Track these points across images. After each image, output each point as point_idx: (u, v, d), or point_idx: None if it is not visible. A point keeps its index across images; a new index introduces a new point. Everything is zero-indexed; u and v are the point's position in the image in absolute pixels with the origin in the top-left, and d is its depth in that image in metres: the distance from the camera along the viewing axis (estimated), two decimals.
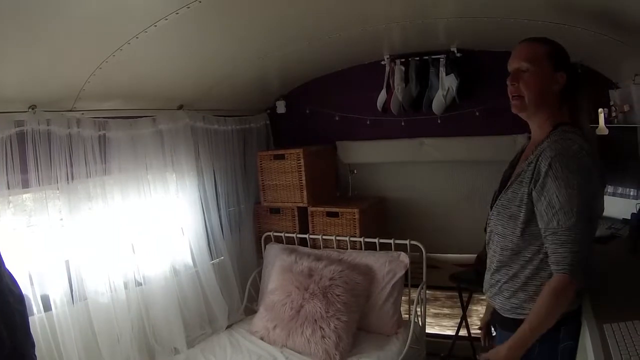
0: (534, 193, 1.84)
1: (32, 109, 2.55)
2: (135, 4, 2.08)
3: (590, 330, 1.76)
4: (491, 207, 2.10)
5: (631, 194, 3.03)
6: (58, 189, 2.78)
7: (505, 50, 3.36)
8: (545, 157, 1.80)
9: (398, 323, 3.52)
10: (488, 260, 2.13)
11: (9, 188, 2.49)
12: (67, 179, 2.80)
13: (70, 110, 2.79)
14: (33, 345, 1.92)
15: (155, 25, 2.24)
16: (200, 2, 2.11)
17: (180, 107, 3.55)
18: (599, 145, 2.77)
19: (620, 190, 3.03)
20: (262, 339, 3.45)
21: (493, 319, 2.30)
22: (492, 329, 2.40)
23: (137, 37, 2.30)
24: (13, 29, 1.88)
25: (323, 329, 3.24)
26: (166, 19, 2.21)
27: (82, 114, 2.86)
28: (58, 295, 2.72)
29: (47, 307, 2.68)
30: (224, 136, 4.03)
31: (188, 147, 3.60)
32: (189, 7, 2.14)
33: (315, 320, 3.28)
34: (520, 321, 1.93)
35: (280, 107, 4.54)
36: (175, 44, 2.66)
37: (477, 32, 3.31)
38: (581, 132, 1.88)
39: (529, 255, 1.91)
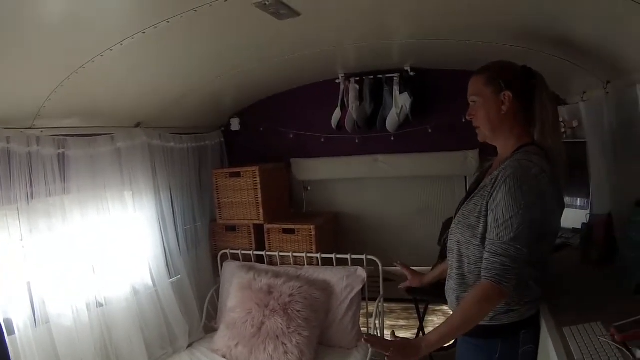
0: (488, 206, 1.92)
1: None
2: (102, 22, 2.07)
3: (551, 334, 1.86)
4: (454, 217, 2.18)
5: (578, 203, 3.18)
6: (18, 209, 2.71)
7: (459, 69, 3.53)
8: (503, 175, 1.88)
9: (358, 336, 3.56)
10: (449, 268, 2.21)
11: None
12: (27, 199, 2.73)
13: (30, 128, 2.73)
14: None
15: (122, 44, 2.25)
16: (155, 27, 2.15)
17: (138, 125, 3.53)
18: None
19: (569, 201, 3.17)
20: (224, 357, 3.42)
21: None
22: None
23: (102, 55, 2.30)
24: None
25: (285, 345, 3.26)
26: (132, 38, 2.22)
27: (42, 131, 2.80)
28: (21, 319, 2.64)
29: (9, 330, 2.58)
30: (179, 154, 4.01)
31: (145, 165, 3.57)
32: (144, 33, 2.18)
33: (277, 336, 3.30)
34: (480, 327, 2.00)
35: (235, 125, 4.56)
36: (135, 63, 2.65)
37: (431, 52, 3.42)
38: (545, 153, 1.95)
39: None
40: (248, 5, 2.08)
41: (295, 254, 3.94)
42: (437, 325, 1.99)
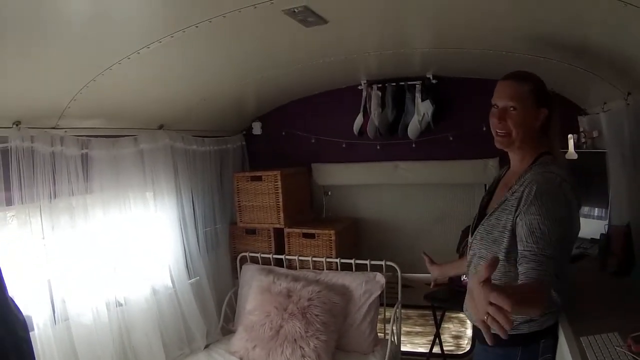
0: (517, 219, 1.89)
1: (17, 125, 2.51)
2: (131, 25, 2.11)
3: (568, 343, 1.86)
4: (472, 232, 2.18)
5: (596, 214, 3.17)
6: (40, 207, 2.74)
7: (480, 77, 3.55)
8: (530, 188, 1.86)
9: (375, 342, 3.59)
10: (469, 283, 2.21)
11: None
12: (50, 197, 2.76)
13: (54, 128, 2.77)
14: None
15: (149, 47, 2.27)
16: (184, 32, 2.18)
17: (161, 127, 3.57)
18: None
19: (587, 211, 3.16)
20: (241, 359, 3.46)
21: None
22: None
23: (128, 58, 2.33)
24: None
25: (303, 349, 3.28)
26: (160, 42, 2.24)
27: (65, 131, 2.84)
28: (41, 316, 2.67)
29: (29, 327, 2.62)
30: (201, 156, 4.05)
31: (167, 167, 3.61)
32: (172, 37, 2.21)
33: (295, 339, 3.32)
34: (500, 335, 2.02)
35: (256, 129, 4.60)
36: (159, 67, 2.69)
37: (454, 61, 3.43)
38: (559, 162, 1.97)
39: (510, 279, 1.97)
40: (277, 12, 2.10)
41: (314, 259, 3.96)
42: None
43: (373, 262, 3.78)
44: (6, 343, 1.52)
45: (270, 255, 4.14)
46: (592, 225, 3.07)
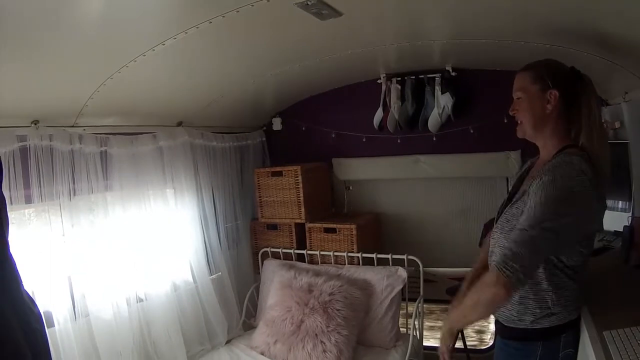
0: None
1: (35, 124, 2.55)
2: (145, 23, 2.12)
3: (591, 338, 1.82)
4: (496, 221, 2.16)
5: (620, 206, 3.11)
6: (60, 204, 2.78)
7: (500, 69, 3.50)
8: (543, 177, 1.85)
9: (397, 336, 3.57)
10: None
11: (11, 203, 2.45)
12: (70, 195, 2.80)
13: (72, 126, 2.80)
14: None
15: (164, 44, 2.28)
16: (197, 27, 2.18)
17: (180, 124, 3.58)
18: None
19: (610, 203, 3.10)
20: (262, 354, 3.45)
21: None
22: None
23: (144, 55, 2.34)
24: (17, 44, 1.89)
25: (324, 344, 3.27)
26: (175, 38, 2.25)
27: (84, 129, 2.87)
28: (61, 312, 2.70)
29: (49, 323, 2.62)
30: (221, 153, 4.06)
31: (187, 164, 3.63)
32: (186, 33, 2.22)
33: (316, 334, 3.31)
34: (520, 330, 2.01)
35: (276, 124, 4.60)
36: (175, 64, 2.70)
37: (473, 52, 3.37)
38: (587, 156, 1.89)
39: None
40: (290, 5, 2.09)
41: (336, 253, 3.95)
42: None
43: (395, 257, 3.75)
44: (19, 335, 1.53)
45: (291, 251, 4.14)
46: (615, 217, 3.00)
